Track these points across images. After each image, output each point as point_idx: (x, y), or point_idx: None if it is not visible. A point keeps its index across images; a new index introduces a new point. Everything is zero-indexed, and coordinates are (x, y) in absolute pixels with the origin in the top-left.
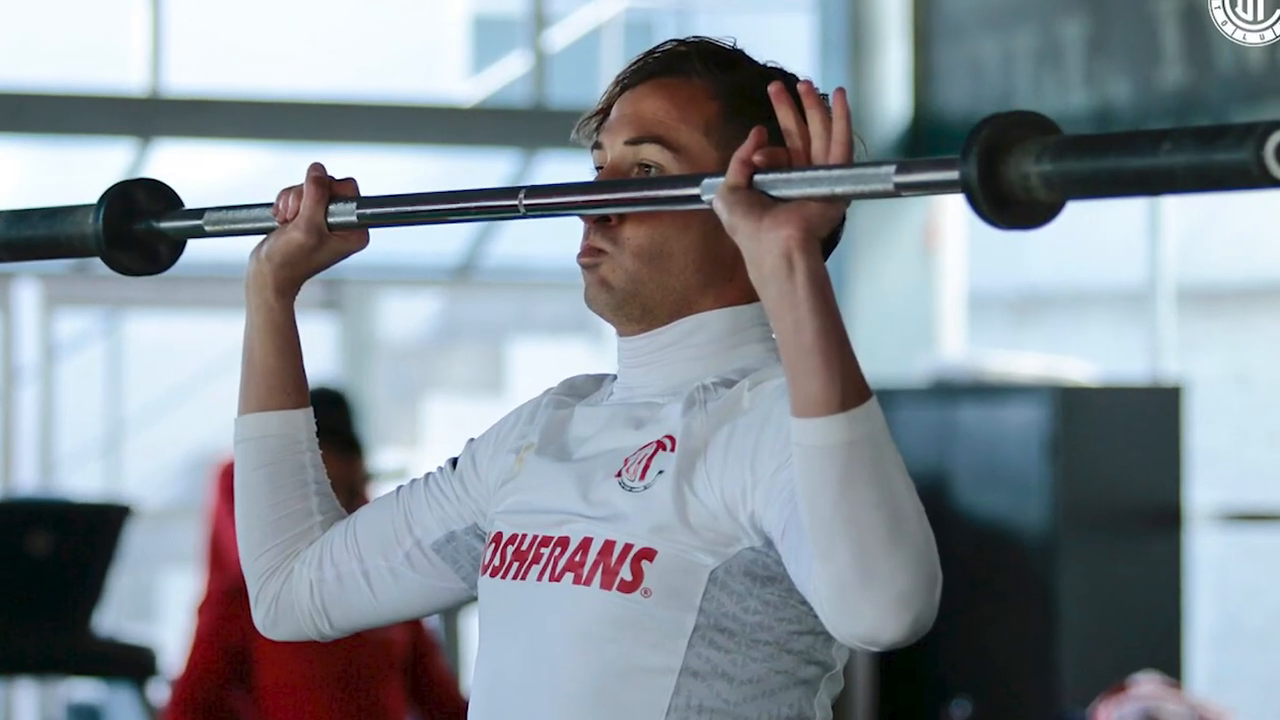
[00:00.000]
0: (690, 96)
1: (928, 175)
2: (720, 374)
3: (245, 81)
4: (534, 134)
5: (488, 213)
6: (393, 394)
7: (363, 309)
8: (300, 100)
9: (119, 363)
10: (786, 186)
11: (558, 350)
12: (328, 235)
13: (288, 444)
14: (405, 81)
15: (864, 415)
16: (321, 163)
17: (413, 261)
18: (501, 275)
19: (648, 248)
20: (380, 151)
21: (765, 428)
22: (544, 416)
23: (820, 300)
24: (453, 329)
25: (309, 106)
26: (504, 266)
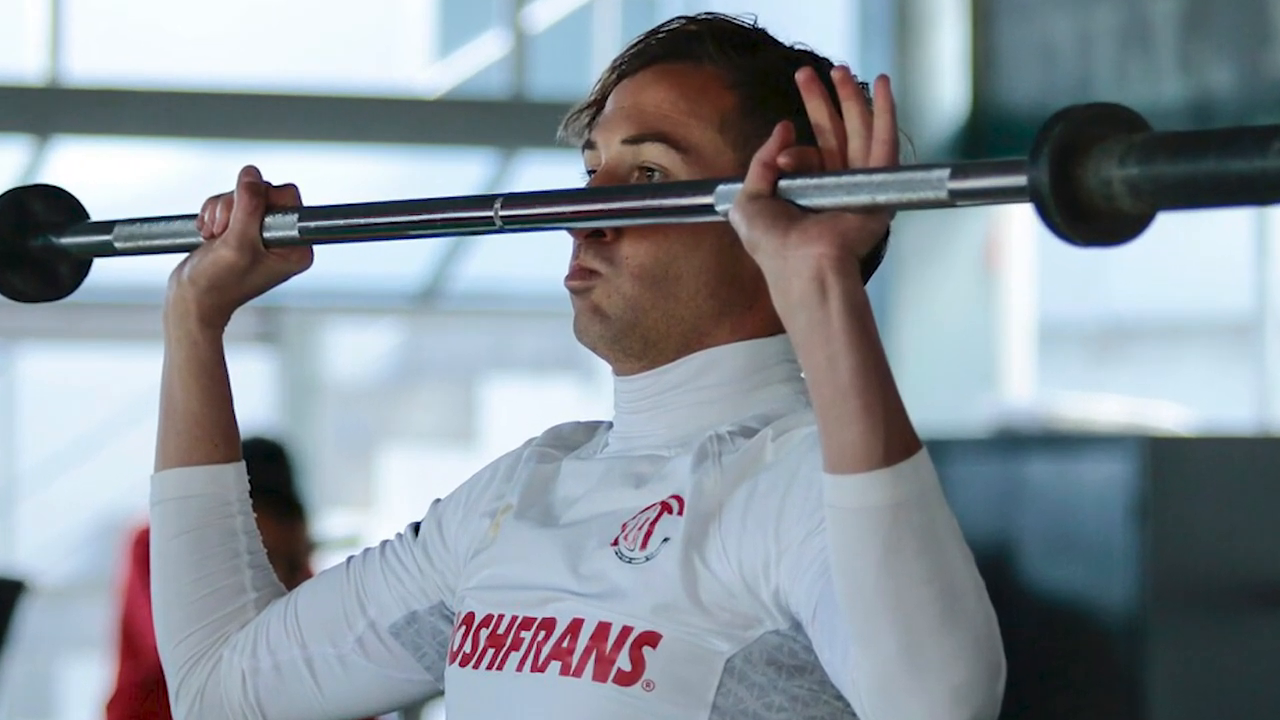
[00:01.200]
0: (702, 86)
1: (989, 181)
2: (738, 421)
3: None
4: (512, 131)
5: (456, 226)
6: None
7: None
8: (229, 90)
9: (10, 407)
10: (818, 194)
11: (541, 392)
12: (263, 253)
13: (215, 506)
14: (356, 68)
15: (912, 471)
16: (256, 166)
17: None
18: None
19: (650, 268)
20: (327, 152)
21: (793, 486)
22: (524, 473)
23: (859, 332)
24: (414, 367)
25: (239, 98)
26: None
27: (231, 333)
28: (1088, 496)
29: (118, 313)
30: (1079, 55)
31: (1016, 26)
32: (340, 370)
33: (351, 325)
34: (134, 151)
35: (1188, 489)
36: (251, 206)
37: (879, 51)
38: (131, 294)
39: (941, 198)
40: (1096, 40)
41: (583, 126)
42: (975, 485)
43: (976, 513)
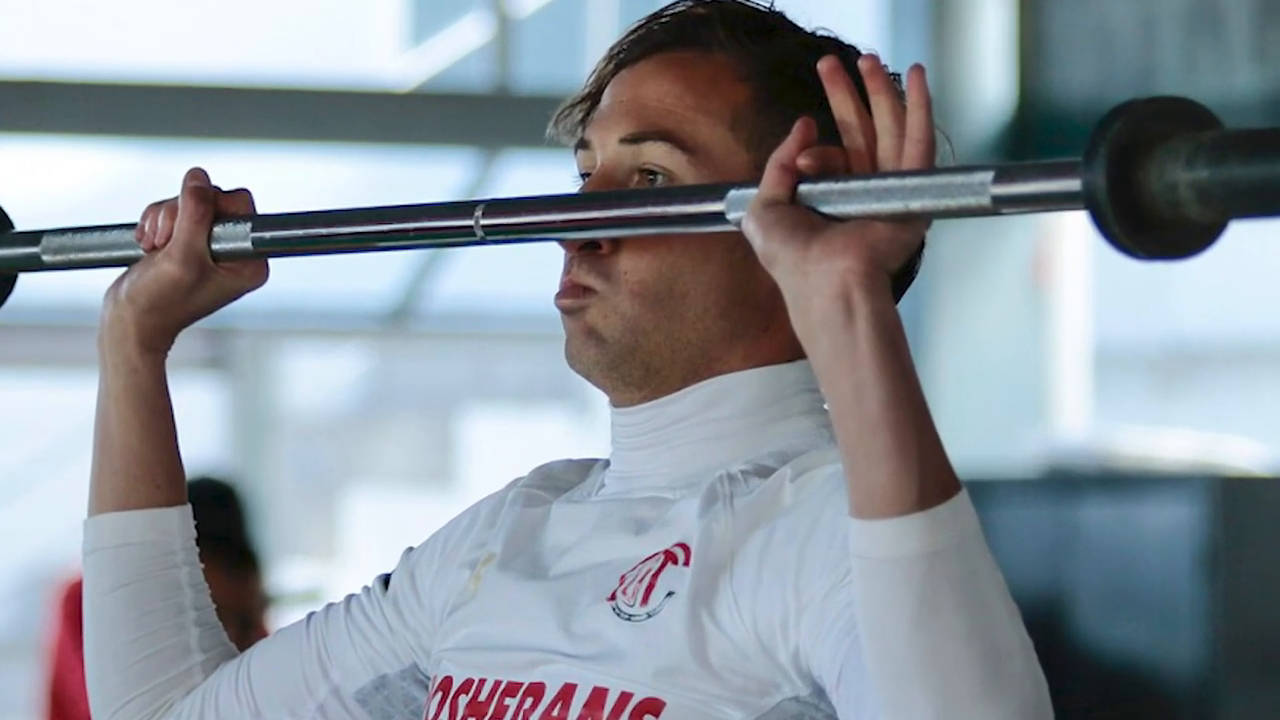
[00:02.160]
0: (711, 77)
1: (1038, 185)
2: (752, 459)
3: (97, 57)
4: (495, 128)
5: (432, 237)
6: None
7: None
8: (173, 82)
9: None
10: (843, 200)
11: (527, 426)
12: (212, 267)
13: (157, 555)
14: (317, 57)
15: (950, 516)
16: (203, 168)
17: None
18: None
19: (652, 285)
20: (284, 152)
21: (814, 533)
22: (509, 518)
23: (890, 357)
24: (384, 397)
25: (184, 91)
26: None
27: (176, 358)
28: (1151, 544)
29: (46, 335)
30: (1140, 42)
31: (1069, 10)
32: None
33: (312, 350)
34: (64, 152)
35: (1263, 536)
36: (198, 214)
37: (913, 38)
38: (62, 314)
39: (984, 204)
40: (1160, 25)
41: (575, 124)
42: (1023, 532)
43: (1024, 563)
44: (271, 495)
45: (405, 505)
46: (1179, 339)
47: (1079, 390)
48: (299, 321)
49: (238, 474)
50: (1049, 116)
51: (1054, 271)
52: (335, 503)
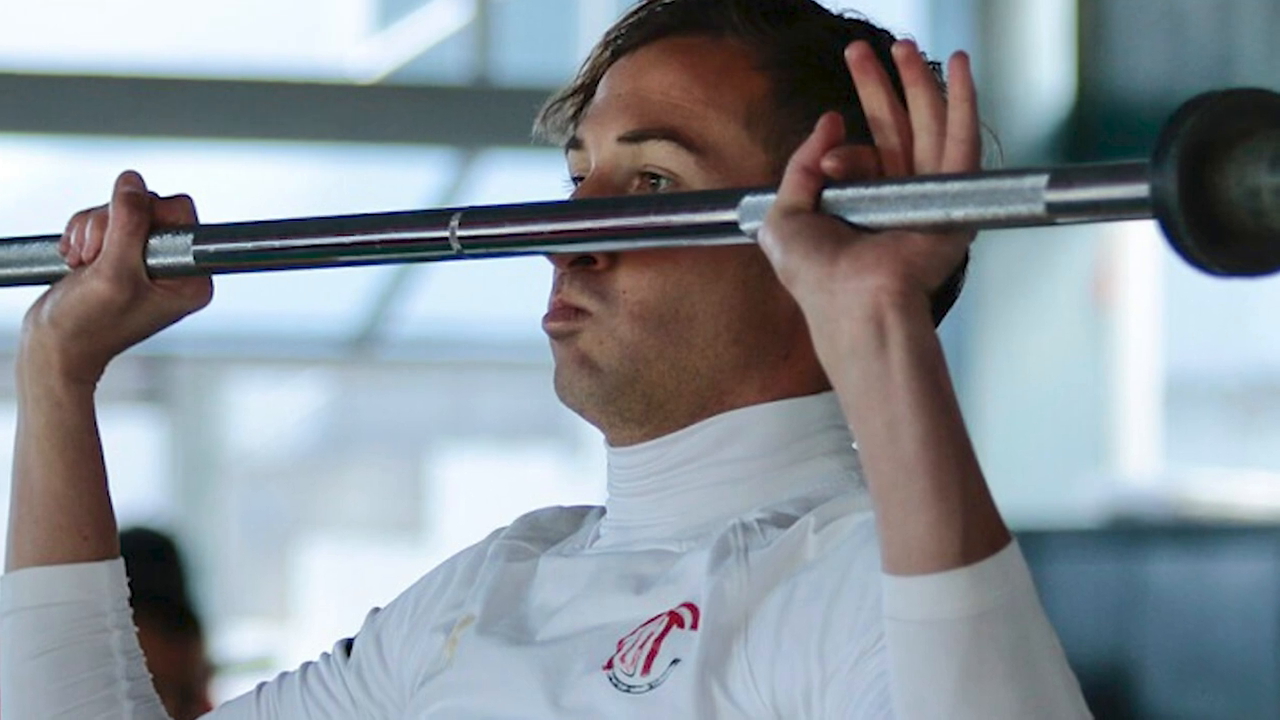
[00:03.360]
0: (723, 66)
1: (1099, 190)
2: (769, 506)
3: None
4: (474, 125)
5: (402, 250)
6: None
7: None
8: (104, 73)
9: None
10: (875, 208)
11: (511, 468)
12: (148, 286)
13: (84, 617)
14: (270, 44)
15: (999, 572)
16: (137, 171)
17: (282, 329)
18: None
19: (655, 306)
20: (232, 152)
21: (841, 591)
22: (490, 574)
23: (928, 389)
24: (345, 436)
25: (116, 82)
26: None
27: (106, 390)
28: (1229, 604)
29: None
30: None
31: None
32: (248, 440)
33: (263, 381)
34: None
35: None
36: (132, 224)
37: (956, 21)
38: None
39: (1037, 213)
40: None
41: (566, 120)
42: (1083, 589)
43: (1085, 625)
44: (216, 548)
45: (370, 559)
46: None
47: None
48: (248, 348)
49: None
50: (1112, 111)
51: (1117, 291)
52: (289, 557)
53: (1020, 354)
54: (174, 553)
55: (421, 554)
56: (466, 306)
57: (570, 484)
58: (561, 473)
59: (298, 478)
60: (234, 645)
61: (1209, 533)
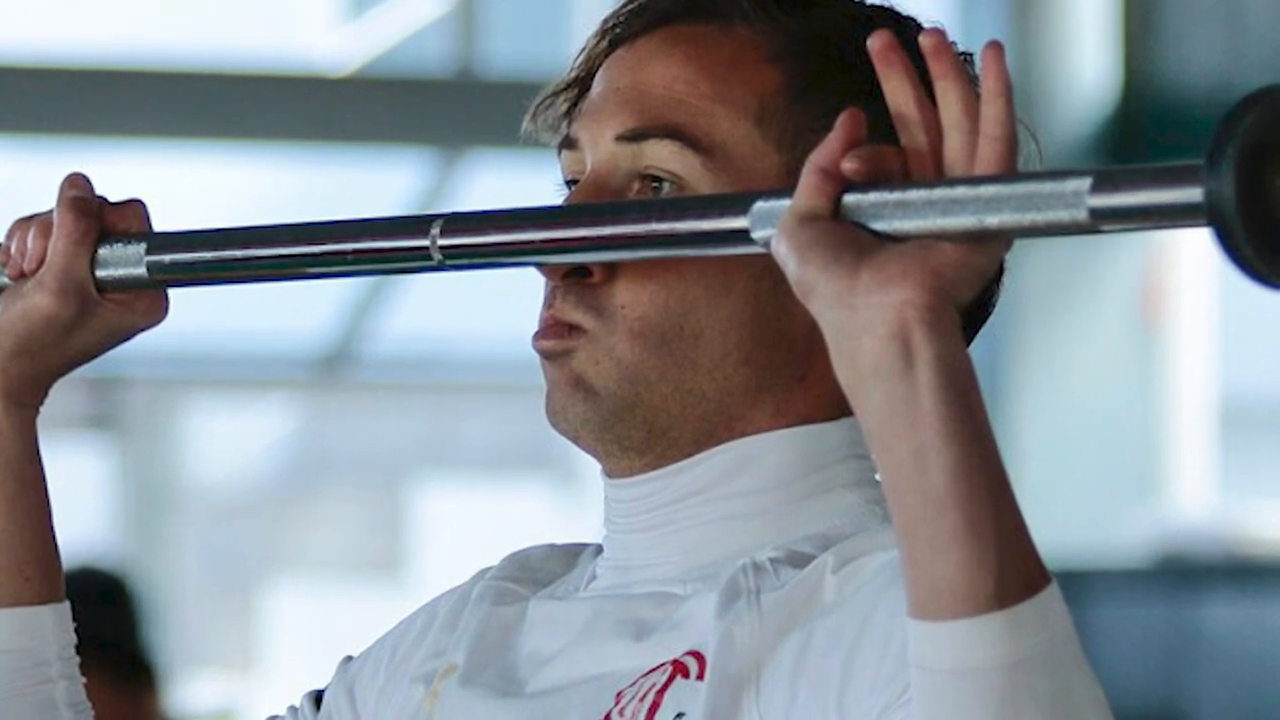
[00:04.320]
0: (732, 58)
1: (1148, 195)
2: (784, 543)
3: None
4: (457, 123)
5: (377, 261)
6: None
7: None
8: (46, 65)
9: None
10: (901, 215)
11: (497, 501)
12: (96, 300)
13: (26, 666)
14: (233, 34)
15: (1037, 616)
16: (84, 174)
17: (245, 349)
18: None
19: (657, 322)
20: (190, 153)
21: (863, 638)
22: (475, 619)
23: (960, 414)
24: (316, 466)
25: (62, 75)
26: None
27: (50, 415)
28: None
29: None
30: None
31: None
32: (207, 471)
33: (224, 406)
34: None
35: None
36: (78, 233)
37: (990, 8)
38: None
39: (1080, 219)
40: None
41: (559, 117)
42: (1131, 635)
43: (1133, 674)
44: (173, 590)
45: (342, 602)
46: None
47: (1201, 457)
48: (206, 370)
49: (130, 563)
50: (1163, 107)
51: (1169, 306)
52: (253, 600)
53: (1061, 375)
54: (125, 595)
55: (399, 596)
56: (449, 323)
57: (563, 519)
58: (554, 507)
59: (262, 512)
60: (192, 697)
61: (1269, 573)
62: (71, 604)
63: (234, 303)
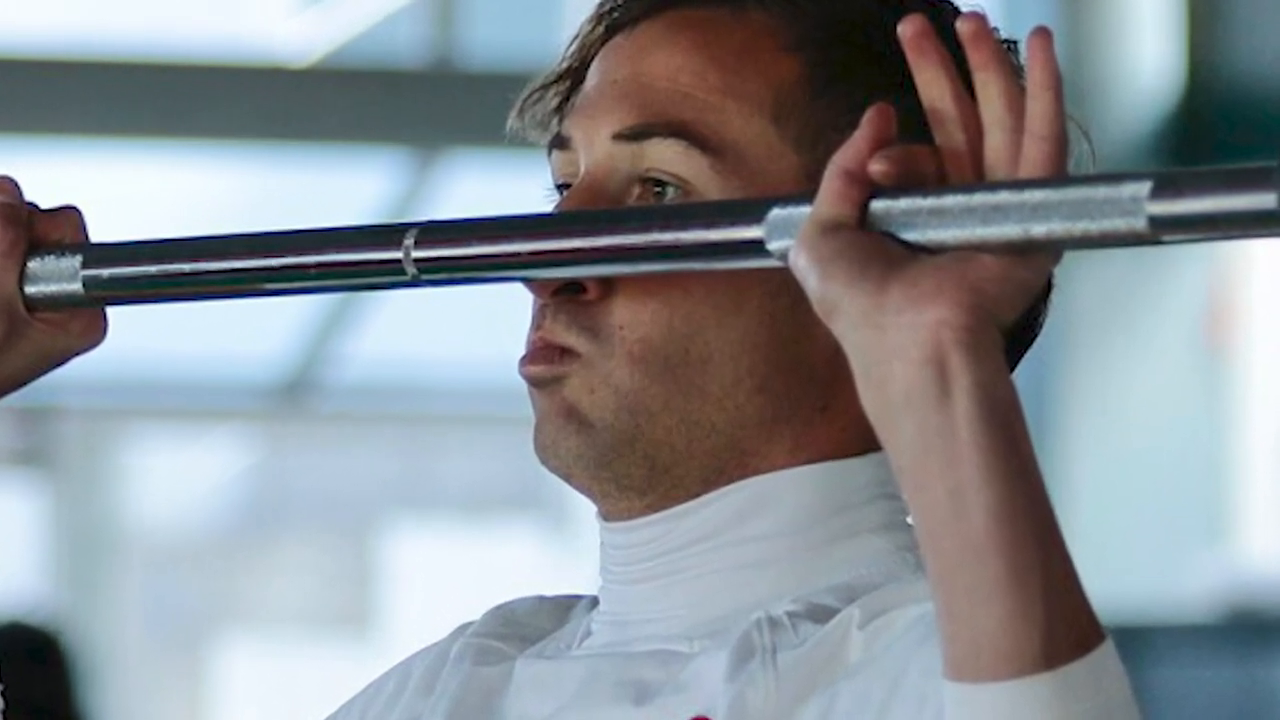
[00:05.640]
0: (745, 46)
1: (1214, 201)
2: (803, 595)
3: None
4: (434, 119)
5: (344, 276)
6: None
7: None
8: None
9: None
10: (935, 223)
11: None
12: (25, 319)
13: None
14: (183, 20)
15: (1089, 678)
16: (11, 177)
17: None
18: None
19: (660, 346)
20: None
21: (893, 702)
22: (454, 680)
23: (1003, 449)
24: (273, 506)
25: None
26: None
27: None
28: None
29: None
30: None
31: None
32: (151, 513)
33: (169, 439)
34: None
35: None
36: (5, 244)
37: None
38: None
39: (1138, 229)
40: None
41: (550, 113)
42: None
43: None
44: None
45: (303, 661)
46: None
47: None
48: (150, 399)
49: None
50: (1230, 104)
51: (1237, 327)
52: (203, 657)
53: (1117, 405)
54: (59, 653)
55: (368, 655)
56: (424, 346)
57: (554, 567)
58: (543, 553)
59: (213, 560)
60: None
61: None
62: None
63: (181, 323)
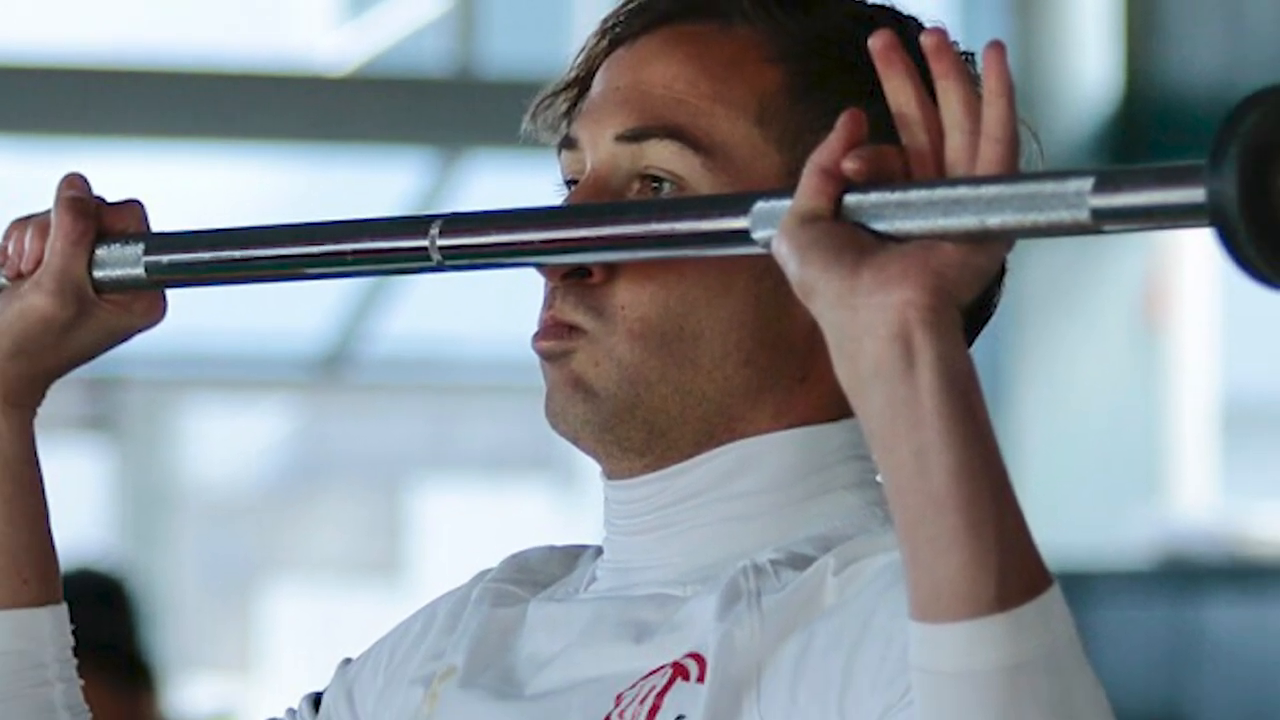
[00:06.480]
0: (733, 57)
1: (1150, 195)
2: (784, 545)
3: None
4: (456, 123)
5: (376, 262)
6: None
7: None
8: (46, 65)
9: None
10: (902, 215)
11: (496, 503)
12: (94, 301)
13: (24, 668)
14: (231, 33)
15: (1038, 618)
16: (82, 174)
17: (244, 350)
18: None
19: (658, 323)
20: (188, 153)
21: (864, 640)
22: (474, 620)
23: (961, 414)
24: (315, 467)
25: (60, 75)
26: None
27: (47, 416)
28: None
29: None
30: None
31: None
32: (206, 472)
33: (222, 407)
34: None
35: None
36: (76, 233)
37: (992, 8)
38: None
39: (1082, 220)
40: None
41: (559, 117)
42: (1133, 638)
43: (1135, 677)
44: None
45: (341, 604)
46: None
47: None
48: (205, 370)
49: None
50: (1165, 107)
51: (1171, 306)
52: (252, 602)
53: (1063, 377)
54: (123, 597)
55: (398, 598)
56: (448, 324)
57: (563, 520)
58: (553, 508)
59: (261, 514)
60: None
61: (1272, 575)
62: (69, 606)
63: (233, 303)
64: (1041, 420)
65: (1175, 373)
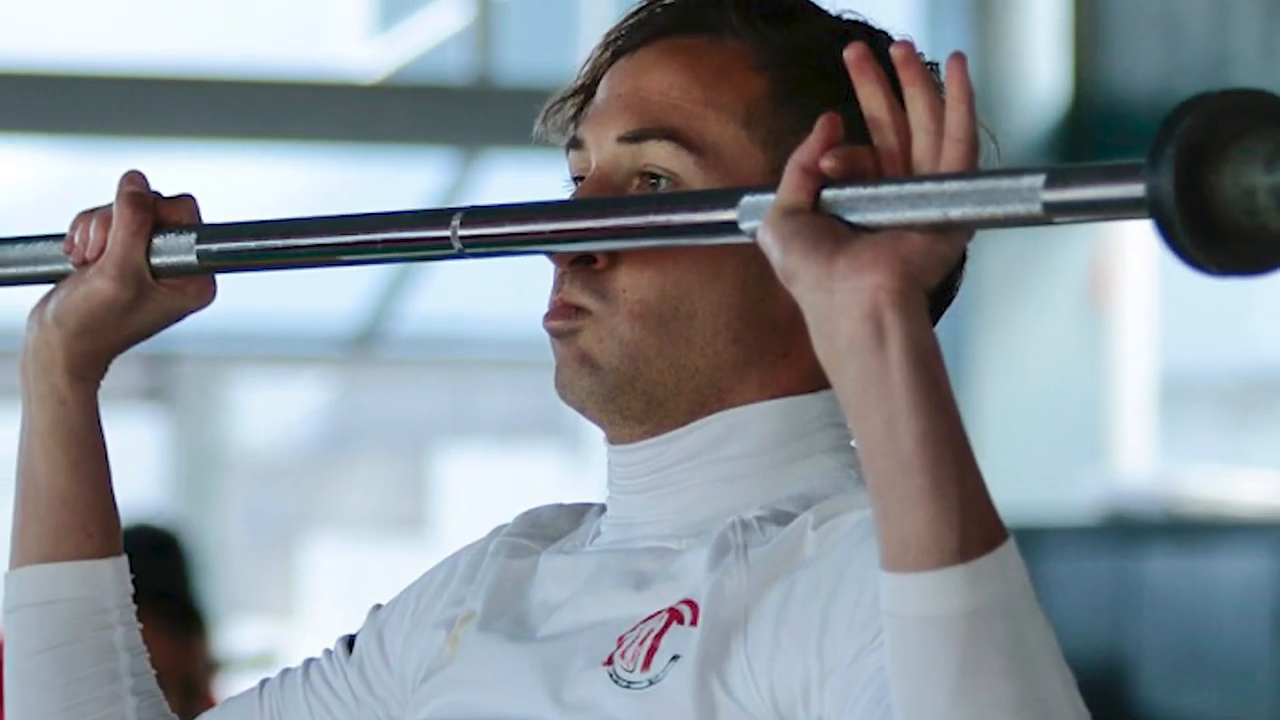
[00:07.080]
0: (722, 67)
1: (1095, 190)
2: (769, 503)
3: (20, 46)
4: (475, 125)
5: (403, 249)
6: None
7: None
8: (105, 73)
9: None
10: (873, 208)
11: (512, 465)
12: (151, 284)
13: (88, 614)
14: (273, 44)
15: (996, 569)
16: (140, 171)
17: (285, 328)
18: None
19: (655, 305)
20: (235, 152)
21: (840, 587)
22: (491, 571)
23: (926, 386)
24: (348, 433)
25: (119, 83)
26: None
27: (110, 388)
28: (1225, 601)
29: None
30: (1213, 27)
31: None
32: (251, 438)
33: (266, 379)
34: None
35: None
36: (135, 224)
37: (953, 23)
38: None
39: (1034, 212)
40: (1235, 8)
41: (567, 120)
42: (1080, 586)
43: (1081, 622)
44: (220, 545)
45: (372, 556)
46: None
47: (1143, 426)
48: (251, 347)
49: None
50: (1109, 112)
51: (1114, 290)
52: (293, 554)
53: (1018, 353)
54: (177, 550)
55: (423, 551)
56: (468, 305)
57: (571, 481)
58: (562, 470)
59: (301, 475)
60: (237, 642)
61: (1204, 530)
62: (129, 558)
63: (275, 287)
64: (998, 391)
65: (1118, 349)
